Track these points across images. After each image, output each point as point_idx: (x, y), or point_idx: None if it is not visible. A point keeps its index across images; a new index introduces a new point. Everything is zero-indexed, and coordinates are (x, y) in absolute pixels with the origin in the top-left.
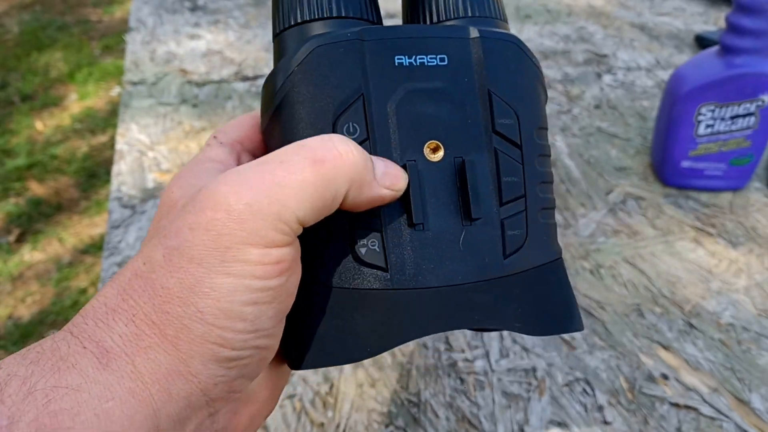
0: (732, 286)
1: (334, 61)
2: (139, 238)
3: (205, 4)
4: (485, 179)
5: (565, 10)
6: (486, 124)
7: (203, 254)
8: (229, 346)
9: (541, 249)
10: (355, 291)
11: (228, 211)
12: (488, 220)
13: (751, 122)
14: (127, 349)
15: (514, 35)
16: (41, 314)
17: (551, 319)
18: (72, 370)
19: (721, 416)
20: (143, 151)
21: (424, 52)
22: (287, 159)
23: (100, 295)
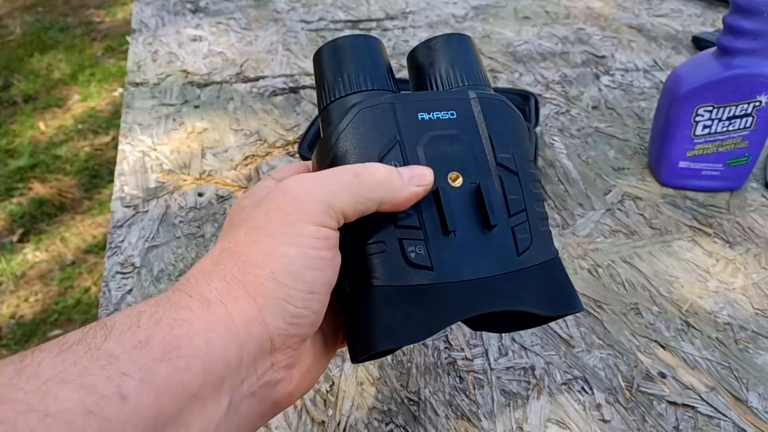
0: (729, 286)
1: (375, 119)
2: (141, 237)
3: (207, 6)
4: (497, 197)
5: (563, 12)
6: (491, 158)
7: (275, 229)
8: (293, 303)
9: (543, 249)
10: (408, 287)
11: (293, 196)
12: (502, 228)
13: (748, 123)
14: (222, 297)
15: (501, 95)
16: (44, 314)
17: (558, 302)
18: (185, 309)
19: (719, 415)
20: (146, 151)
21: (439, 110)
22: (335, 171)
23: (197, 265)
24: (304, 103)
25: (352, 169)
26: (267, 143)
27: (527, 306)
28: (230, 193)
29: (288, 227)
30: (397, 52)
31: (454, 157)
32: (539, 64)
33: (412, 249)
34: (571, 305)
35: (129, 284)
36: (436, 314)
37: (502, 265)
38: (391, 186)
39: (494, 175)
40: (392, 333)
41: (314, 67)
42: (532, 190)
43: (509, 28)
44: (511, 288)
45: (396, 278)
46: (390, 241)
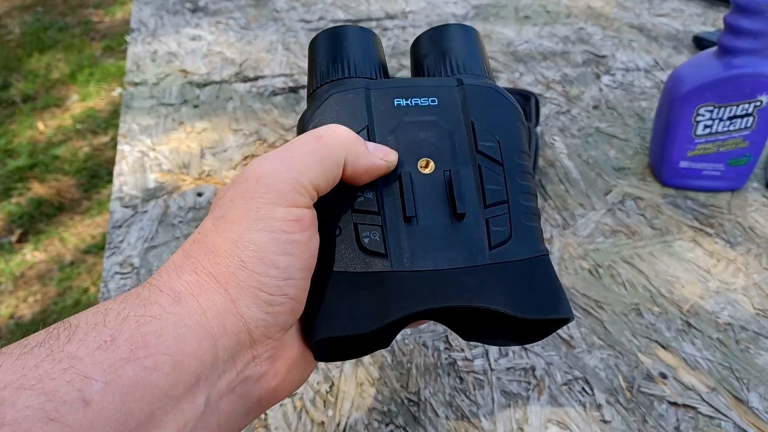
0: (730, 286)
1: (346, 103)
2: (140, 237)
3: (206, 5)
4: (469, 184)
5: (564, 12)
6: (470, 145)
7: (241, 216)
8: (267, 291)
9: (526, 246)
10: (360, 274)
11: (256, 179)
12: (474, 218)
13: (749, 123)
14: (192, 291)
15: (496, 85)
16: (43, 314)
17: (538, 303)
18: (154, 305)
19: (720, 415)
20: (145, 151)
21: (418, 96)
22: (296, 139)
23: (169, 259)
24: (303, 102)
25: (312, 132)
26: (266, 143)
27: (494, 303)
28: None
29: (255, 212)
30: (396, 51)
31: (428, 143)
32: (540, 63)
33: (366, 234)
34: (554, 307)
35: (128, 284)
36: (386, 305)
37: (469, 258)
38: (354, 148)
39: (472, 164)
40: (335, 321)
41: (309, 53)
42: (519, 182)
43: (510, 28)
44: (476, 283)
45: (348, 264)
46: (345, 225)
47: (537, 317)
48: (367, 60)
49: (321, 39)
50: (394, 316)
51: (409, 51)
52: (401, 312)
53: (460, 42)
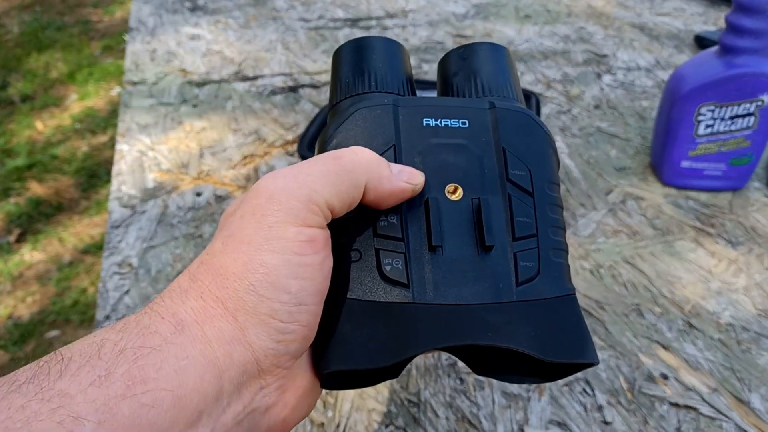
0: (732, 286)
1: (373, 120)
2: (139, 237)
3: (205, 4)
4: (498, 214)
5: (564, 11)
6: (501, 173)
7: (251, 235)
8: (278, 318)
9: (554, 283)
10: (379, 304)
11: (268, 196)
12: (502, 251)
13: (750, 122)
14: (197, 318)
15: (528, 110)
16: (41, 314)
17: (564, 346)
18: (155, 335)
19: (721, 416)
20: (143, 151)
21: (448, 117)
22: (314, 159)
23: (174, 282)
24: (303, 102)
25: (332, 153)
26: (266, 143)
27: (518, 344)
28: (228, 193)
29: (265, 231)
30: None
31: (456, 167)
32: (540, 63)
33: (388, 262)
34: (580, 352)
35: (126, 285)
36: (404, 338)
37: (495, 293)
38: (377, 171)
39: (502, 193)
40: (349, 353)
41: (333, 63)
42: (548, 215)
43: (510, 27)
44: (501, 321)
45: (366, 292)
46: (366, 250)
47: (561, 361)
48: (393, 74)
49: (345, 49)
50: (413, 352)
51: (437, 69)
52: (421, 348)
53: (491, 62)
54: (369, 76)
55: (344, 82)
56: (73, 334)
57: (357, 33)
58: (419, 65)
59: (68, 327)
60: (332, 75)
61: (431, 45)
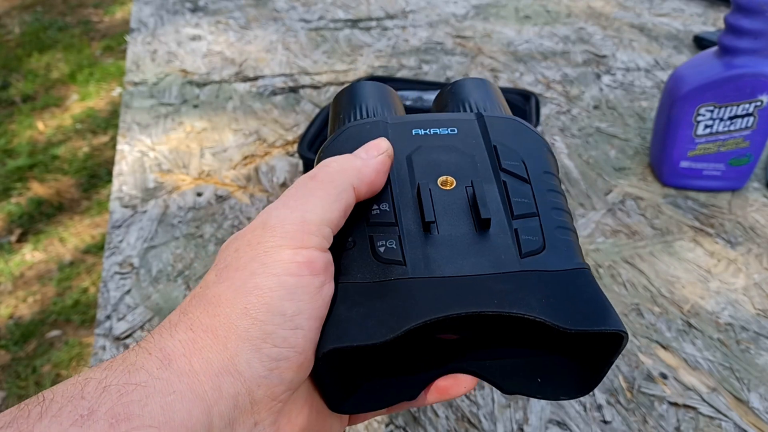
0: (731, 286)
1: (363, 133)
2: (139, 237)
3: (206, 5)
4: (493, 194)
5: (564, 11)
6: (494, 165)
7: (246, 262)
8: (271, 342)
9: (563, 257)
10: (375, 284)
11: (263, 225)
12: (500, 227)
13: (749, 123)
14: (185, 351)
15: (519, 118)
16: (42, 314)
17: (583, 314)
18: (140, 371)
19: (720, 415)
20: (144, 151)
21: (437, 126)
22: (294, 185)
23: (167, 318)
24: (303, 102)
25: (306, 175)
26: (266, 143)
27: (532, 311)
28: (229, 193)
29: (262, 256)
30: (396, 51)
31: (448, 163)
32: (540, 63)
33: (381, 243)
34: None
35: (127, 285)
36: (402, 312)
37: (497, 264)
38: (353, 166)
39: (497, 181)
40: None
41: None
42: (549, 199)
43: (510, 28)
44: (508, 289)
45: (361, 275)
46: (360, 239)
47: (582, 329)
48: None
49: (342, 94)
50: (412, 322)
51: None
52: (420, 318)
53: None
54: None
55: (341, 117)
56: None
57: (357, 34)
58: (419, 66)
59: (69, 327)
60: (331, 117)
61: (431, 45)
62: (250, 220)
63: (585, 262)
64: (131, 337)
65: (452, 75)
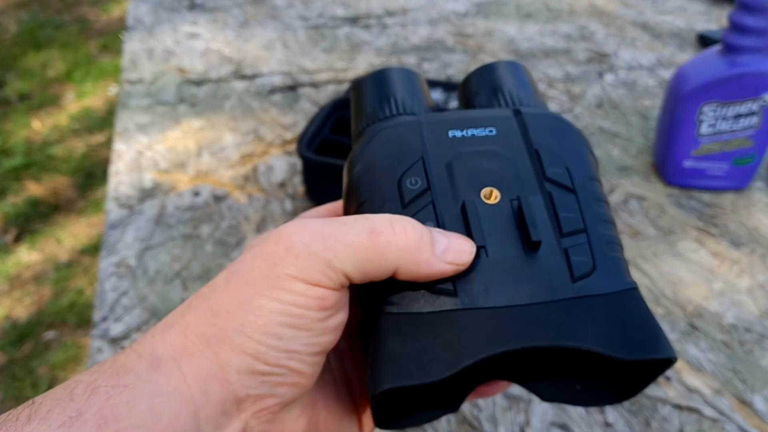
0: (734, 287)
1: (398, 137)
2: (136, 238)
3: (204, 3)
4: (541, 211)
5: (566, 9)
6: (537, 173)
7: (257, 278)
8: (263, 360)
9: (613, 278)
10: (426, 315)
11: (288, 246)
12: (550, 248)
13: (753, 122)
14: (175, 354)
15: (557, 114)
16: (39, 315)
17: (636, 342)
18: (129, 373)
19: (724, 418)
20: (141, 150)
21: (474, 126)
22: (348, 223)
23: (164, 318)
24: (302, 100)
25: (370, 225)
26: (265, 142)
27: (586, 343)
28: (227, 192)
29: (273, 279)
30: (396, 48)
31: (489, 172)
32: (542, 61)
33: None
34: (654, 347)
35: (124, 285)
36: (458, 347)
37: (550, 291)
38: (414, 257)
39: (542, 192)
40: (401, 369)
41: (353, 94)
42: (595, 210)
43: (511, 26)
44: (562, 319)
45: (409, 304)
46: None
47: (636, 358)
48: (415, 100)
49: (366, 80)
50: (470, 359)
51: (459, 91)
52: (479, 354)
53: (510, 76)
54: (392, 101)
55: (366, 110)
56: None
57: (356, 31)
58: (419, 64)
59: (65, 328)
60: (353, 106)
61: (431, 44)
62: (248, 220)
63: (633, 281)
64: (128, 339)
65: (453, 73)
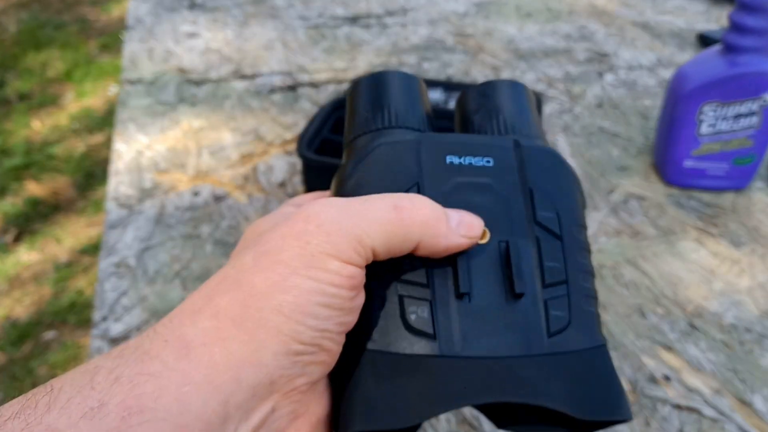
0: (734, 287)
1: (395, 157)
2: (136, 238)
3: (204, 2)
4: (528, 259)
5: (566, 9)
6: (528, 215)
7: (291, 257)
8: (299, 340)
9: (585, 334)
10: (404, 357)
11: (319, 224)
12: (532, 299)
13: (753, 121)
14: (206, 340)
15: (553, 149)
16: (38, 315)
17: (598, 402)
18: (154, 361)
19: (723, 418)
20: (141, 150)
21: (472, 154)
22: (371, 200)
23: (187, 300)
24: (302, 100)
25: (393, 200)
26: (265, 142)
27: (553, 403)
28: (227, 192)
29: (308, 258)
30: (396, 48)
31: (482, 209)
32: (542, 61)
33: (413, 310)
34: (613, 409)
35: (124, 285)
36: (432, 395)
37: (526, 345)
38: (434, 230)
39: (530, 236)
40: (373, 411)
41: (348, 96)
42: (578, 260)
43: (511, 25)
44: (533, 376)
45: (389, 343)
46: (390, 297)
47: (597, 419)
48: (412, 110)
49: (363, 83)
50: (442, 410)
51: (455, 108)
52: (451, 406)
53: (511, 99)
54: (388, 111)
55: (362, 117)
56: (70, 336)
57: (357, 31)
58: (419, 64)
59: (65, 328)
60: (348, 109)
61: (431, 43)
62: (248, 220)
63: (603, 337)
64: (128, 339)
65: (453, 73)
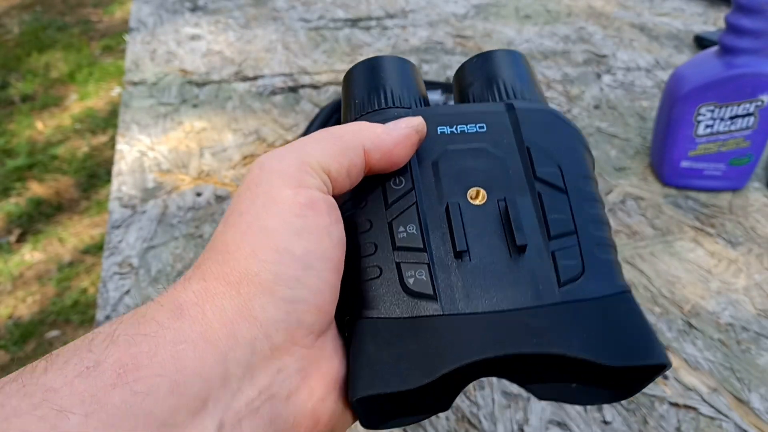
0: (731, 286)
1: None
2: (139, 237)
3: (206, 5)
4: (528, 212)
5: (564, 11)
6: (527, 172)
7: (248, 206)
8: (284, 283)
9: (603, 281)
10: (405, 320)
11: (261, 166)
12: (537, 251)
13: (750, 122)
14: (198, 300)
15: (553, 108)
16: (42, 314)
17: (625, 347)
18: (150, 322)
19: (721, 416)
20: (144, 151)
21: (464, 123)
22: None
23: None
24: (303, 102)
25: (326, 128)
26: (266, 143)
27: (571, 350)
28: (229, 193)
29: (262, 198)
30: (396, 50)
31: (477, 171)
32: (540, 63)
33: (411, 274)
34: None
35: (127, 285)
36: (436, 354)
37: (535, 296)
38: (373, 132)
39: (531, 192)
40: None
41: (344, 84)
42: (588, 211)
43: (510, 27)
44: (546, 325)
45: (389, 309)
46: (386, 265)
47: (624, 364)
48: (407, 91)
49: (357, 69)
50: (448, 367)
51: (452, 80)
52: (457, 362)
53: (507, 66)
54: (382, 93)
55: (356, 102)
56: (73, 335)
57: (357, 33)
58: (419, 65)
59: (68, 327)
60: (343, 96)
61: (431, 45)
62: None
63: (625, 284)
64: None
65: (452, 74)
